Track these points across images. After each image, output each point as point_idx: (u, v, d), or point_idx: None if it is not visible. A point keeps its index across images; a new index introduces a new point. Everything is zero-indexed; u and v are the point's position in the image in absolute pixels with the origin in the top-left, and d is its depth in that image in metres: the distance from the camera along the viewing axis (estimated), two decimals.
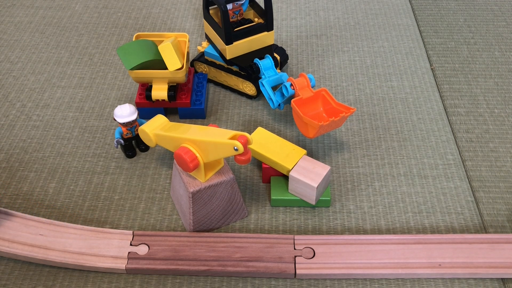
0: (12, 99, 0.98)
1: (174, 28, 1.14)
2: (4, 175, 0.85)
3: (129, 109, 0.82)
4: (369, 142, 0.90)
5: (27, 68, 1.04)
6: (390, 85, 1.01)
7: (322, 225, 0.78)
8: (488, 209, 0.80)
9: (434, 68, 1.04)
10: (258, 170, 0.86)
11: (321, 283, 0.71)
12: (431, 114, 0.95)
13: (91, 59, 1.07)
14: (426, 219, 0.79)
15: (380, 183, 0.84)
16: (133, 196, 0.82)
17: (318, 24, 1.16)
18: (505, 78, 1.03)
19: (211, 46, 0.97)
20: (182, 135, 0.71)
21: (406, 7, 1.21)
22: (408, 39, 1.12)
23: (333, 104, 0.85)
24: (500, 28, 1.15)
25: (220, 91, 1.00)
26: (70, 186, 0.83)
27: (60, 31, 1.14)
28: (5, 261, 0.73)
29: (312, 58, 1.07)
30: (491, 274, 0.71)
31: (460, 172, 0.85)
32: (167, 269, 0.71)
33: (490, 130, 0.92)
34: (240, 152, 0.67)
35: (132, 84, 1.01)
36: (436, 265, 0.71)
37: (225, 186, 0.73)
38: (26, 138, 0.90)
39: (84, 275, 0.72)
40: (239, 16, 0.96)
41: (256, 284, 0.71)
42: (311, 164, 0.78)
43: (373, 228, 0.78)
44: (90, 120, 0.94)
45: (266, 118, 0.94)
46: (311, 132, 0.82)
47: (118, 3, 1.22)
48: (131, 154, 0.87)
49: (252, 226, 0.78)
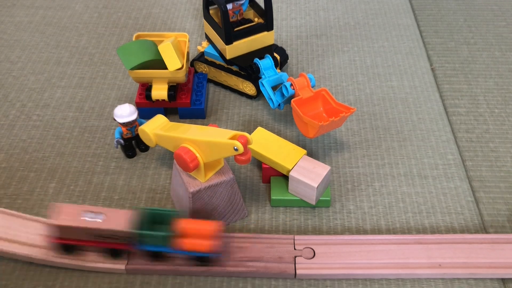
0: (12, 99, 0.98)
1: (174, 28, 1.14)
2: (4, 175, 0.85)
3: (129, 109, 0.82)
4: (369, 142, 0.90)
5: (27, 68, 1.04)
6: (390, 85, 1.01)
7: (322, 225, 0.78)
8: (488, 209, 0.80)
9: (434, 68, 1.04)
10: (258, 170, 0.86)
11: (321, 283, 0.71)
12: (431, 114, 0.95)
13: (91, 59, 1.07)
14: (426, 219, 0.79)
15: (380, 183, 0.84)
16: (133, 196, 0.82)
17: (318, 24, 1.16)
18: (505, 78, 1.02)
19: (211, 46, 0.97)
20: (182, 135, 0.71)
21: (406, 7, 1.21)
22: (408, 39, 1.12)
23: (333, 104, 0.85)
24: (500, 28, 1.15)
25: (220, 91, 1.00)
26: (70, 186, 0.83)
27: (60, 31, 1.14)
28: (5, 261, 0.73)
29: (312, 58, 1.07)
30: (491, 274, 0.71)
31: (460, 172, 0.85)
32: (167, 269, 0.71)
33: (490, 130, 0.92)
34: (240, 152, 0.67)
35: (132, 84, 1.01)
36: (436, 265, 0.71)
37: (225, 186, 0.73)
38: (26, 138, 0.90)
39: (84, 275, 0.72)
40: (239, 16, 0.96)
41: (256, 284, 0.71)
42: (311, 164, 0.78)
43: (373, 228, 0.78)
44: (90, 120, 0.94)
45: (266, 118, 0.94)
46: (311, 132, 0.82)
47: (118, 3, 1.22)
48: (131, 154, 0.87)
49: (252, 226, 0.78)
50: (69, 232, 0.68)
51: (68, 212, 0.68)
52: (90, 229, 0.67)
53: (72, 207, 0.68)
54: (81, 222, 0.67)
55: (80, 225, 0.67)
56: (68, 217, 0.67)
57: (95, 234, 0.67)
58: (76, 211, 0.68)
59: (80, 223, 0.67)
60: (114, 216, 0.68)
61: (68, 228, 0.67)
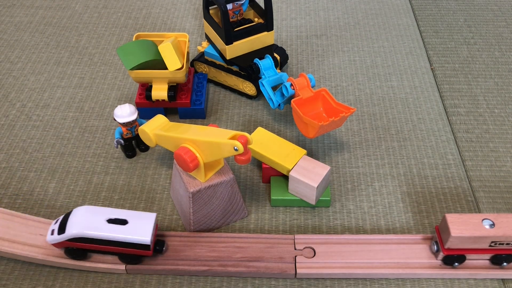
0: (12, 99, 0.98)
1: (174, 28, 1.14)
2: (4, 175, 0.85)
3: (129, 109, 0.82)
4: (369, 142, 0.90)
5: (27, 68, 1.04)
6: (390, 85, 1.01)
7: (322, 225, 0.78)
8: (488, 209, 0.80)
9: (434, 68, 1.04)
10: (258, 170, 0.86)
11: (321, 283, 0.71)
12: (431, 114, 0.95)
13: (91, 59, 1.07)
14: (426, 219, 0.79)
15: (380, 183, 0.84)
16: (133, 196, 0.82)
17: (318, 24, 1.16)
18: (505, 78, 1.03)
19: (211, 46, 0.97)
20: (182, 135, 0.71)
21: (406, 7, 1.21)
22: (408, 39, 1.12)
23: (333, 104, 0.85)
24: (500, 28, 1.15)
25: (220, 91, 1.00)
26: (70, 186, 0.83)
27: (60, 31, 1.14)
28: (5, 261, 0.73)
29: (312, 58, 1.07)
30: (491, 274, 0.71)
31: (460, 172, 0.85)
32: (167, 269, 0.71)
33: (490, 130, 0.92)
34: (240, 152, 0.67)
35: (132, 84, 1.01)
36: (436, 265, 0.71)
37: (225, 186, 0.73)
38: (26, 138, 0.90)
39: (84, 275, 0.72)
40: (239, 16, 0.96)
41: (256, 284, 0.71)
42: (311, 164, 0.78)
43: (373, 228, 0.78)
44: (90, 120, 0.94)
45: (266, 118, 0.94)
46: (311, 132, 0.81)
47: (118, 3, 1.22)
48: (131, 154, 0.87)
49: (252, 226, 0.78)
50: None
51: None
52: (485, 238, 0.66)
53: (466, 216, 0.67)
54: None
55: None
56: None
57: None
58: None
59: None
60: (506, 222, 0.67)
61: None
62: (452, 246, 0.67)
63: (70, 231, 0.67)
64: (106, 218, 0.68)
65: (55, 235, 0.69)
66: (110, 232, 0.67)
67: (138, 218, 0.69)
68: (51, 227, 0.70)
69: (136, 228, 0.67)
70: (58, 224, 0.69)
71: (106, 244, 0.68)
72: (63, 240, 0.68)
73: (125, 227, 0.67)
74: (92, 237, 0.67)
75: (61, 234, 0.68)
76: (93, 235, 0.67)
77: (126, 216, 0.69)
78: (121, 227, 0.67)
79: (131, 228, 0.67)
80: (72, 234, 0.67)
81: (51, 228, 0.70)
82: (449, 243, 0.67)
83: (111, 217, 0.68)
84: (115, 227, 0.67)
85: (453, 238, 0.66)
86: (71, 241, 0.68)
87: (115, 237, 0.67)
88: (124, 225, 0.67)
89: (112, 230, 0.67)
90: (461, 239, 0.66)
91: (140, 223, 0.68)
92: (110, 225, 0.67)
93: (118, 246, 0.68)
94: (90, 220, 0.68)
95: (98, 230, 0.67)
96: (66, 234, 0.67)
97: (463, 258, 0.69)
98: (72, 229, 0.67)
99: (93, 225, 0.67)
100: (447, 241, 0.67)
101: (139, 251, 0.69)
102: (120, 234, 0.67)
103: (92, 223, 0.68)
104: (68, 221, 0.68)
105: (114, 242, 0.67)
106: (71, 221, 0.68)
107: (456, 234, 0.66)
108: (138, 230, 0.67)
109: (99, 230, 0.67)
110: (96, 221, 0.68)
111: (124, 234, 0.67)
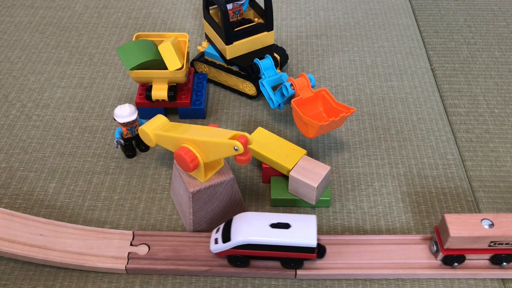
0: (12, 99, 0.98)
1: (174, 28, 1.14)
2: (4, 175, 0.85)
3: (129, 109, 0.82)
4: (369, 142, 0.90)
5: (27, 68, 1.04)
6: (390, 85, 1.01)
7: (322, 225, 0.78)
8: (488, 209, 0.80)
9: (434, 68, 1.04)
10: (258, 170, 0.86)
11: (321, 283, 0.71)
12: (431, 114, 0.95)
13: (91, 59, 1.07)
14: (426, 219, 0.79)
15: (380, 183, 0.84)
16: (133, 196, 0.82)
17: (318, 24, 1.16)
18: (505, 78, 1.03)
19: (211, 46, 0.97)
20: (182, 135, 0.71)
21: (406, 7, 1.21)
22: (408, 39, 1.12)
23: (333, 104, 0.85)
24: (500, 28, 1.15)
25: (220, 91, 1.00)
26: (70, 186, 0.83)
27: (60, 31, 1.14)
28: (5, 261, 0.73)
29: (312, 58, 1.07)
30: (491, 274, 0.71)
31: (460, 172, 0.85)
32: (167, 269, 0.71)
33: (490, 130, 0.92)
34: (240, 152, 0.67)
35: (132, 84, 1.01)
36: (436, 265, 0.71)
37: (225, 186, 0.73)
38: (26, 138, 0.90)
39: (84, 275, 0.72)
40: (239, 16, 0.96)
41: (256, 284, 0.71)
42: (311, 164, 0.78)
43: (373, 228, 0.78)
44: (90, 120, 0.94)
45: (266, 118, 0.94)
46: (311, 132, 0.81)
47: (118, 3, 1.22)
48: (131, 154, 0.87)
49: None
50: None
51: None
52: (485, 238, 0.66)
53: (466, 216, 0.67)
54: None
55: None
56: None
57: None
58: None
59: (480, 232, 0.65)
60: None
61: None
62: (451, 246, 0.67)
63: (237, 238, 0.66)
64: (269, 223, 0.66)
65: (219, 244, 0.67)
66: (276, 237, 0.65)
67: (299, 221, 0.67)
68: (213, 236, 0.69)
69: (300, 232, 0.66)
70: (221, 233, 0.68)
71: (271, 249, 0.67)
72: (228, 248, 0.67)
73: (289, 231, 0.66)
74: (258, 243, 0.66)
75: (227, 242, 0.67)
76: (259, 241, 0.66)
77: (287, 220, 0.67)
78: (286, 231, 0.66)
79: (295, 232, 0.66)
80: (238, 241, 0.66)
81: (213, 237, 0.69)
82: (448, 243, 0.67)
83: (273, 221, 0.67)
84: (280, 232, 0.66)
85: (452, 238, 0.66)
86: (236, 249, 0.67)
87: (282, 241, 0.65)
88: (288, 229, 0.66)
89: (277, 234, 0.66)
90: (460, 239, 0.66)
91: (303, 226, 0.66)
92: (274, 230, 0.66)
93: (282, 251, 0.67)
94: (254, 226, 0.66)
95: (264, 235, 0.66)
96: (232, 242, 0.66)
97: (462, 258, 0.69)
98: (238, 236, 0.66)
99: (258, 231, 0.66)
100: (446, 241, 0.67)
101: (303, 254, 0.67)
102: (286, 238, 0.65)
103: (256, 229, 0.66)
104: (231, 228, 0.67)
105: (278, 247, 0.66)
106: (234, 228, 0.67)
107: (455, 234, 0.66)
108: (302, 233, 0.66)
109: (265, 236, 0.66)
110: (260, 226, 0.66)
111: (290, 238, 0.65)
